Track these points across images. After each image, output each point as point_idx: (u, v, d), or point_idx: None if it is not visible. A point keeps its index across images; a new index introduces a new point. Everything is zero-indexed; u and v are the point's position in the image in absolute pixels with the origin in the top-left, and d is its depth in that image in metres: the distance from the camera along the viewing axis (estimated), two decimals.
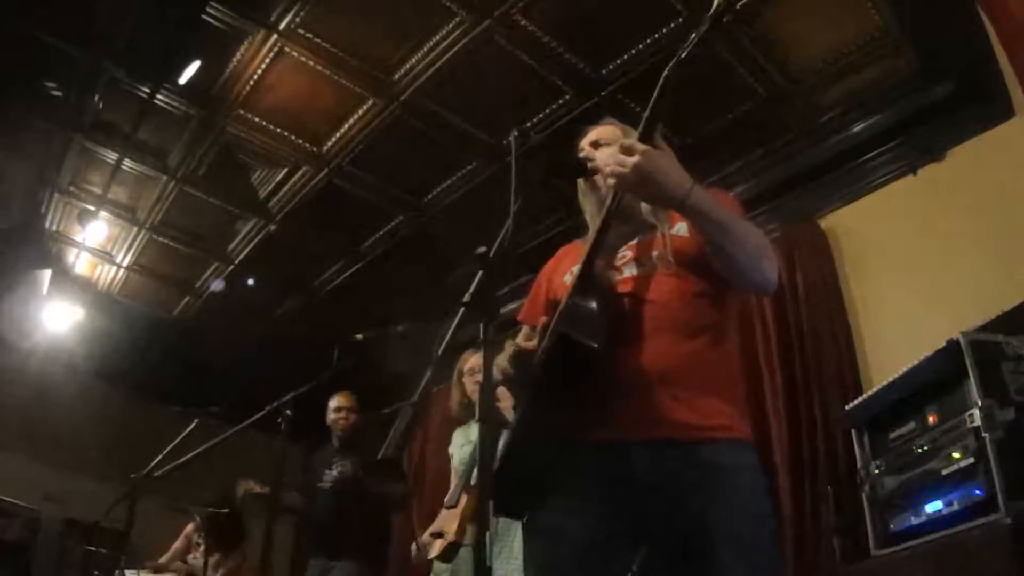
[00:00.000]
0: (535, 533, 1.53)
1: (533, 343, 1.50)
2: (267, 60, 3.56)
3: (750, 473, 1.41)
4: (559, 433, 1.46)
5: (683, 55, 1.40)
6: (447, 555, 2.92)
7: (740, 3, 1.40)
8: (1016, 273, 2.83)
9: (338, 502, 3.72)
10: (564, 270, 1.70)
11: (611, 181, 1.42)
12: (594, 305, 1.43)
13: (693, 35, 1.40)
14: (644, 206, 1.59)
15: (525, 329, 1.80)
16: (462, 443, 3.25)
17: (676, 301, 1.49)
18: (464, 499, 2.88)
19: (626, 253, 1.59)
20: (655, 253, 1.55)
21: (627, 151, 1.37)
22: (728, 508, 1.33)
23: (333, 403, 4.02)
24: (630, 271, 1.56)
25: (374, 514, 3.75)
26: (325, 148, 4.13)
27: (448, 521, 2.97)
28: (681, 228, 1.56)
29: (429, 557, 3.04)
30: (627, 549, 1.36)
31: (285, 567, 5.80)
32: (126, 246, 5.14)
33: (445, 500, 3.00)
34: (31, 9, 3.33)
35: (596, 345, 1.38)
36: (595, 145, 1.71)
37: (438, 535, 3.00)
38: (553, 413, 1.46)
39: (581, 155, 1.71)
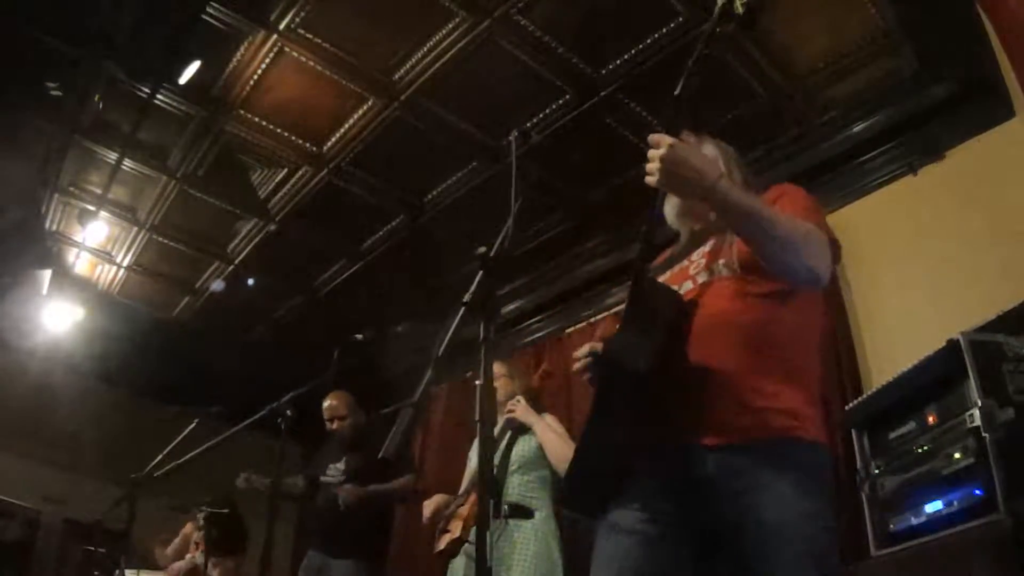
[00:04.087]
0: (603, 530, 1.54)
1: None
2: (267, 60, 3.56)
3: (805, 471, 1.41)
4: (623, 441, 1.50)
5: (717, 29, 1.48)
6: (452, 550, 2.94)
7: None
8: (1016, 273, 2.83)
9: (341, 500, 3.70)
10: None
11: (650, 179, 1.43)
12: (636, 336, 1.46)
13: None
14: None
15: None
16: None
17: (740, 306, 1.51)
18: (472, 497, 2.90)
19: (700, 260, 1.62)
20: (722, 260, 1.57)
21: (654, 144, 1.39)
22: (779, 505, 1.35)
23: (323, 406, 3.95)
24: (702, 278, 1.59)
25: (375, 511, 3.74)
26: (325, 148, 4.12)
27: (455, 517, 2.98)
28: None
29: (436, 551, 3.04)
30: (689, 544, 1.42)
31: (286, 567, 5.80)
32: (126, 246, 5.14)
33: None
34: (31, 9, 3.33)
35: (642, 369, 1.41)
36: None
37: (444, 531, 3.01)
38: (615, 428, 1.50)
39: None
